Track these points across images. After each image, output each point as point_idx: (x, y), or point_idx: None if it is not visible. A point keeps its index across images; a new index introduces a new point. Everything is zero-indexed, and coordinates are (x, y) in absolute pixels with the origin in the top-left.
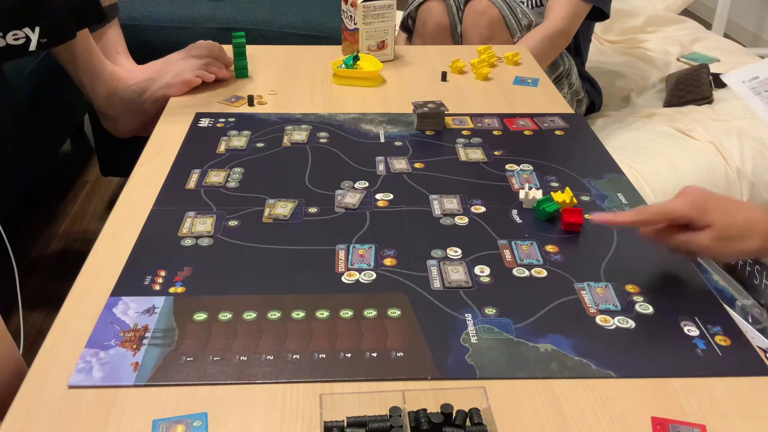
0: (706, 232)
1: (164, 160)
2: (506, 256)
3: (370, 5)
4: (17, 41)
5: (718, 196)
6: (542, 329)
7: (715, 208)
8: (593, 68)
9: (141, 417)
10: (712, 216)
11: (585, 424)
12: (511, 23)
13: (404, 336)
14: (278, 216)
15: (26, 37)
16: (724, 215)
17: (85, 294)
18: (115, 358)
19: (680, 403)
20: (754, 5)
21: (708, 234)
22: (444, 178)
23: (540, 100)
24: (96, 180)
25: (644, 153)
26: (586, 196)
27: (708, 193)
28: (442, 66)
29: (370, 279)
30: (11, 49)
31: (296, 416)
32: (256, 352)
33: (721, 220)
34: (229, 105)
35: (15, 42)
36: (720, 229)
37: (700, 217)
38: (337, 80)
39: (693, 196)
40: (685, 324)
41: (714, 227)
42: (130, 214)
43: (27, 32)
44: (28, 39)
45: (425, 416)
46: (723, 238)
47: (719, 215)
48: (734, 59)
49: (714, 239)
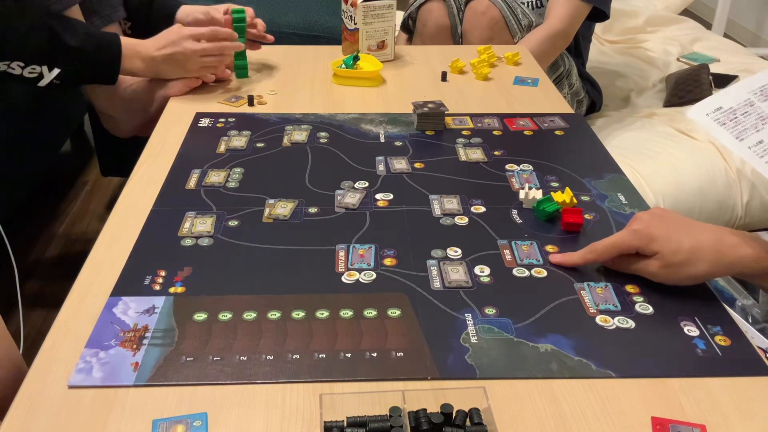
0: (654, 260)
1: (164, 160)
2: (506, 256)
3: (370, 5)
4: (31, 75)
5: (669, 221)
6: (542, 329)
7: (662, 237)
8: (593, 68)
9: (141, 417)
10: (658, 244)
11: (585, 424)
12: (511, 24)
13: (404, 336)
14: (278, 216)
15: (40, 74)
16: (670, 242)
17: (85, 294)
18: (115, 358)
19: (680, 403)
20: (754, 5)
21: (655, 262)
22: (444, 178)
23: (540, 100)
24: (96, 180)
25: (644, 153)
26: (586, 196)
27: (657, 220)
28: (442, 66)
29: (370, 279)
30: (23, 80)
31: (296, 416)
32: (256, 352)
33: (667, 247)
34: (229, 105)
35: (29, 75)
36: (666, 256)
37: (646, 246)
38: (337, 80)
39: (639, 225)
40: (685, 324)
41: (661, 255)
42: (130, 214)
43: (44, 70)
44: (42, 75)
45: (425, 416)
46: (670, 264)
47: (665, 243)
48: (734, 59)
49: (662, 267)
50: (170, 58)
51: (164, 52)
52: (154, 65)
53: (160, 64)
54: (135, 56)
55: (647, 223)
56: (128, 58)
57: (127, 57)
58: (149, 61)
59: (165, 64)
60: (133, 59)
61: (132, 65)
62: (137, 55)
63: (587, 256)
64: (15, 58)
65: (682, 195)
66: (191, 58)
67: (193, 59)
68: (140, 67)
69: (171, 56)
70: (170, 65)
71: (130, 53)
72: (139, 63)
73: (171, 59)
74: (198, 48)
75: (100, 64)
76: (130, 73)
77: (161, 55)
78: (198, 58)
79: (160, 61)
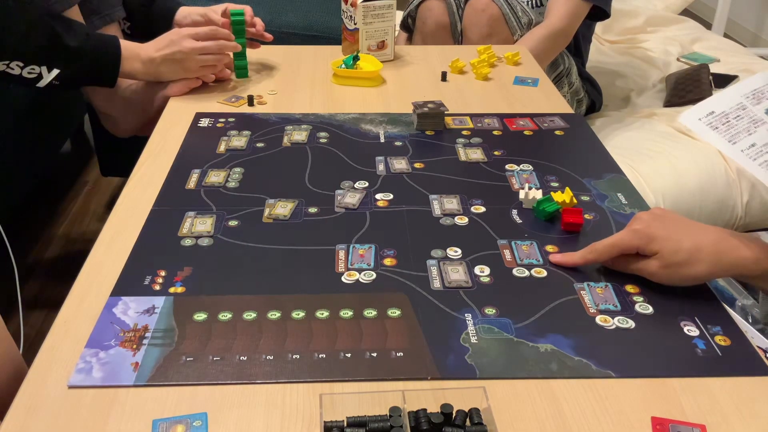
0: (653, 260)
1: (164, 160)
2: (506, 256)
3: (370, 5)
4: (30, 75)
5: (669, 221)
6: (542, 329)
7: (662, 236)
8: (593, 68)
9: (141, 417)
10: (658, 244)
11: (585, 424)
12: (511, 21)
13: (404, 336)
14: (278, 216)
15: (39, 74)
16: (670, 242)
17: (85, 294)
18: (115, 358)
19: (680, 403)
20: (754, 5)
21: (655, 262)
22: (444, 178)
23: (540, 100)
24: (96, 180)
25: (644, 153)
26: (586, 196)
27: (658, 220)
28: (442, 66)
29: (370, 279)
30: (21, 80)
31: (296, 416)
32: (256, 352)
33: (667, 247)
34: (229, 105)
35: (28, 75)
36: (666, 256)
37: (646, 246)
38: (337, 80)
39: (639, 225)
40: (685, 324)
41: (661, 255)
42: (130, 214)
43: (43, 70)
44: (41, 76)
45: (425, 416)
46: (669, 265)
47: (665, 243)
48: (734, 59)
49: (661, 267)
50: (169, 58)
51: (163, 52)
52: (153, 67)
53: (159, 65)
54: (134, 58)
55: (647, 223)
56: (128, 60)
57: (127, 59)
58: (149, 62)
59: (164, 65)
60: (132, 61)
61: (131, 67)
62: (137, 57)
63: (587, 256)
64: (14, 58)
65: (682, 195)
66: (190, 56)
67: (193, 58)
68: (139, 70)
69: (170, 56)
70: (169, 66)
71: (129, 55)
72: (139, 65)
73: (170, 59)
74: (197, 46)
75: (100, 66)
76: (130, 75)
77: (161, 55)
78: (197, 56)
79: (159, 61)
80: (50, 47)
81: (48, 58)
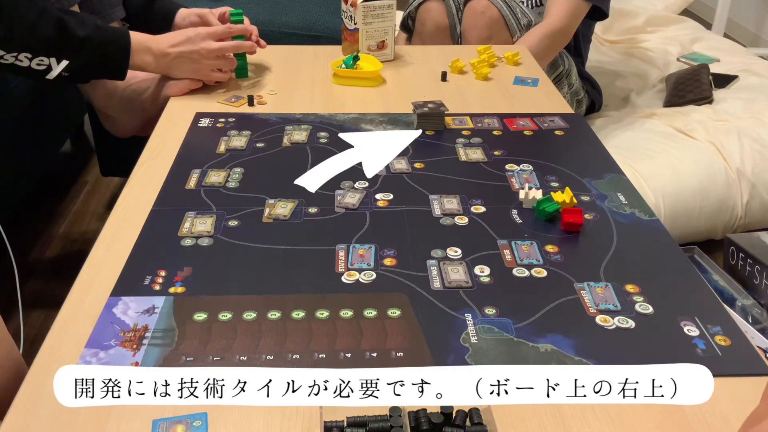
0: None
1: (164, 160)
2: (506, 256)
3: (370, 5)
4: (39, 67)
5: None
6: (542, 329)
7: None
8: (593, 68)
9: (141, 417)
10: None
11: (585, 424)
12: (510, 23)
13: (404, 336)
14: (278, 216)
15: (48, 66)
16: None
17: (85, 294)
18: (115, 358)
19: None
20: (754, 5)
21: None
22: (444, 178)
23: (540, 100)
24: (96, 180)
25: (644, 153)
26: (586, 196)
27: None
28: (442, 66)
29: (370, 279)
30: (30, 72)
31: (296, 416)
32: (256, 352)
33: None
34: (229, 105)
35: (37, 67)
36: None
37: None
38: (337, 80)
39: None
40: (685, 324)
41: None
42: (130, 214)
43: (52, 62)
44: (50, 67)
45: (425, 416)
46: None
47: None
48: (734, 59)
49: None
50: (185, 56)
51: (179, 49)
52: (165, 61)
53: (171, 60)
54: (145, 51)
55: None
56: (138, 52)
57: (137, 51)
58: (161, 56)
59: (177, 62)
60: (143, 54)
61: (142, 60)
62: (147, 50)
63: None
64: (23, 50)
65: (682, 195)
66: (207, 57)
67: (209, 59)
68: (150, 63)
69: (186, 54)
70: (182, 63)
71: (140, 47)
72: (150, 58)
73: (184, 57)
74: (214, 47)
75: (109, 57)
76: (140, 68)
77: (176, 51)
78: (212, 59)
79: (172, 57)
80: (59, 38)
81: (56, 48)
